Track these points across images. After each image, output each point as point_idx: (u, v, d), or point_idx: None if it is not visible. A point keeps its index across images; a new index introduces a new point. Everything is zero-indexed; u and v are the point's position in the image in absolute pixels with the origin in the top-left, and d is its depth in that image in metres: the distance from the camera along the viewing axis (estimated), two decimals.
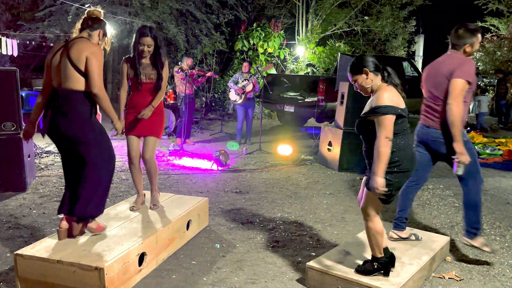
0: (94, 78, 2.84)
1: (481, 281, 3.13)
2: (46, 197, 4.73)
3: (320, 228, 4.10)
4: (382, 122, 2.55)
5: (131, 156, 3.69)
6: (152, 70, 3.58)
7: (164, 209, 3.73)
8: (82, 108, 2.90)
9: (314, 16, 14.08)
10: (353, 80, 2.77)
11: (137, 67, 3.57)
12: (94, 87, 2.85)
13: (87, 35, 3.00)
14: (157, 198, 3.79)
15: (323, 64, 13.44)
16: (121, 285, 2.76)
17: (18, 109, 4.83)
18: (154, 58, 3.58)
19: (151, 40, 3.51)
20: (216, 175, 6.00)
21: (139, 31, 3.55)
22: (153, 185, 3.79)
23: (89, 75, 2.84)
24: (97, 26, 3.03)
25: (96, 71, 2.84)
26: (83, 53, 2.83)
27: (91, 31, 3.01)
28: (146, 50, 3.52)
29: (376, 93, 2.69)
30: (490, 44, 14.90)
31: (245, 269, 3.20)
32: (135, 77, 3.59)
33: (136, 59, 3.59)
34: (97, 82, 2.85)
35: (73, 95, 2.87)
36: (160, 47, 3.56)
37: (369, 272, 2.80)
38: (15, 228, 3.84)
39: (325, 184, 5.74)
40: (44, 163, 6.28)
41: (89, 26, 3.01)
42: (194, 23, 11.76)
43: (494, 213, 4.71)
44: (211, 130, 10.17)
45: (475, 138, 8.61)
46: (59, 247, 2.87)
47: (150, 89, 3.61)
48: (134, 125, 3.62)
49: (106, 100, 2.92)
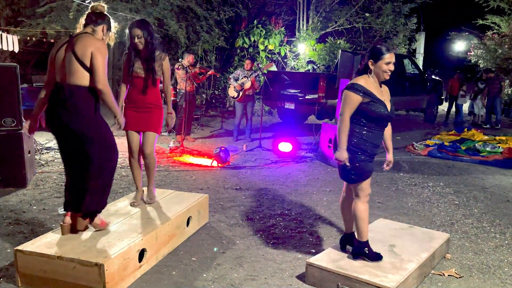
0: (99, 74, 2.84)
1: (481, 279, 3.13)
2: (46, 193, 4.74)
3: (320, 225, 4.11)
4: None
5: (131, 151, 3.71)
6: (144, 64, 3.58)
7: (164, 205, 3.73)
8: (87, 103, 2.90)
9: (315, 13, 14.04)
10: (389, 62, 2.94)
11: (131, 61, 3.59)
12: (99, 83, 2.85)
13: (91, 31, 2.99)
14: (153, 193, 3.80)
15: (323, 61, 13.41)
16: (121, 281, 2.76)
17: (18, 105, 4.83)
18: (147, 51, 3.57)
19: (139, 31, 3.50)
20: (216, 172, 6.01)
21: (130, 24, 3.58)
22: (150, 180, 3.80)
23: (94, 71, 2.84)
24: (100, 21, 3.03)
25: (101, 67, 2.85)
26: (88, 49, 2.83)
27: (95, 26, 3.01)
28: (137, 42, 3.53)
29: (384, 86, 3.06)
30: (490, 42, 14.86)
31: (245, 266, 3.20)
32: (129, 71, 3.61)
33: (132, 53, 3.60)
34: (102, 78, 2.85)
35: (78, 91, 2.86)
36: (150, 40, 3.54)
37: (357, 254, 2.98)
38: (15, 224, 3.84)
39: (325, 181, 5.74)
40: (44, 159, 6.28)
41: (93, 21, 3.01)
42: (195, 20, 11.73)
43: (494, 211, 4.71)
44: (211, 127, 10.16)
45: (475, 136, 8.61)
46: (59, 243, 2.87)
47: (146, 84, 3.61)
48: (134, 120, 3.63)
49: (110, 96, 2.93)
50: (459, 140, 8.43)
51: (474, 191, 5.46)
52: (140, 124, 3.64)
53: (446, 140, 8.53)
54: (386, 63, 2.89)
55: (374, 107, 2.88)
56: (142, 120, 3.62)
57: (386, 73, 2.93)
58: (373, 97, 2.89)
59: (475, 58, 15.52)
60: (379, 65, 2.90)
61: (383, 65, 2.90)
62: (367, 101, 2.88)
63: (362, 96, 2.87)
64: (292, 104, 9.25)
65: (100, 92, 2.88)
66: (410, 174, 6.20)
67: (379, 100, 2.90)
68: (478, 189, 5.59)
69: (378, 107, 2.88)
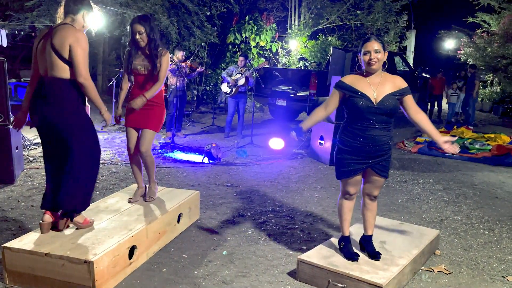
0: (79, 67, 2.74)
1: (470, 274, 3.16)
2: (34, 189, 4.68)
3: (311, 221, 4.11)
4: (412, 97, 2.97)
5: (129, 148, 3.67)
6: (146, 60, 3.52)
7: (155, 202, 3.70)
8: (68, 96, 2.81)
9: (307, 9, 14.03)
10: (377, 50, 2.83)
11: (132, 57, 3.54)
12: (80, 76, 2.75)
13: (71, 20, 2.88)
14: (153, 190, 3.77)
15: (315, 58, 13.41)
16: (111, 278, 2.74)
17: (6, 100, 4.75)
18: (149, 48, 3.51)
19: (141, 27, 3.43)
20: (207, 169, 5.98)
21: (132, 20, 3.51)
22: (150, 177, 3.77)
23: (74, 64, 2.74)
24: (79, 7, 2.89)
25: (81, 60, 2.74)
26: (66, 41, 2.73)
27: (74, 14, 2.89)
28: (138, 38, 3.46)
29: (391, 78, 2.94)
30: (480, 40, 14.98)
31: (236, 262, 3.20)
32: (129, 68, 3.56)
33: (133, 49, 3.54)
34: (83, 71, 2.75)
35: (59, 84, 2.78)
36: (152, 36, 3.48)
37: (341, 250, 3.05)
38: (2, 220, 3.78)
39: (316, 178, 5.75)
40: (32, 155, 6.20)
41: (71, 9, 2.88)
42: (186, 15, 11.64)
43: (483, 207, 4.76)
44: (202, 123, 10.12)
45: (464, 133, 8.68)
46: (48, 240, 2.83)
47: (147, 81, 3.55)
48: (133, 117, 3.58)
49: (92, 90, 2.83)
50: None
51: (463, 188, 5.51)
52: (139, 121, 3.59)
53: None
54: (363, 54, 2.85)
55: (353, 101, 2.86)
56: (141, 117, 3.56)
57: (368, 65, 2.85)
58: (352, 91, 2.86)
59: (465, 56, 15.64)
60: (361, 58, 2.89)
61: (362, 57, 2.87)
62: (348, 95, 2.88)
63: (339, 91, 2.92)
64: (284, 101, 9.25)
65: (82, 86, 2.79)
66: (400, 171, 6.24)
67: (361, 93, 2.84)
68: (467, 186, 5.64)
69: (357, 101, 2.84)
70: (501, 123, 12.72)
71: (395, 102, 2.87)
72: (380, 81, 2.90)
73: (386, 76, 2.93)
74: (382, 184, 3.03)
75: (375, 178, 2.98)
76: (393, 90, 2.88)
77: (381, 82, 2.90)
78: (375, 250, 2.99)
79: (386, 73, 2.95)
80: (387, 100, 2.84)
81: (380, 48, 2.82)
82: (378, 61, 2.83)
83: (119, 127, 8.52)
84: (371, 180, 3.00)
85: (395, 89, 2.89)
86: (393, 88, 2.89)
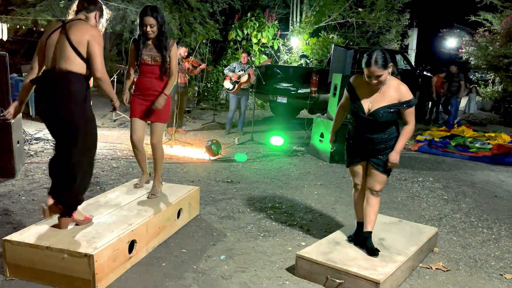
0: (97, 62, 2.80)
1: (468, 272, 3.18)
2: (35, 183, 4.70)
3: (310, 218, 4.13)
4: (413, 111, 2.93)
5: (132, 139, 3.67)
6: (156, 52, 3.52)
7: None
8: (76, 90, 2.83)
9: (309, 6, 14.01)
10: (378, 75, 2.79)
11: (140, 49, 3.53)
12: (98, 71, 2.82)
13: (84, 17, 2.94)
14: (157, 189, 3.74)
15: (316, 55, 13.40)
16: (111, 272, 2.75)
17: (8, 95, 4.75)
18: (158, 39, 3.51)
19: (153, 20, 3.43)
20: (207, 165, 6.00)
21: (141, 10, 3.50)
22: (156, 174, 3.77)
23: (92, 60, 2.80)
24: (93, 7, 2.97)
25: (98, 55, 2.81)
26: (84, 36, 2.78)
27: (88, 13, 2.95)
28: (149, 30, 3.46)
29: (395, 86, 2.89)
30: (482, 39, 14.94)
31: (235, 258, 3.21)
32: (137, 59, 3.56)
33: (141, 40, 3.54)
34: (100, 66, 2.82)
35: (68, 76, 2.80)
36: (163, 28, 3.48)
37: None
38: (4, 214, 3.80)
39: (316, 175, 5.76)
40: (33, 149, 6.21)
41: (85, 8, 2.95)
42: (188, 11, 11.64)
43: (482, 206, 4.77)
44: (203, 119, 10.13)
45: (465, 132, 8.69)
46: (48, 234, 2.85)
47: (154, 72, 3.56)
48: (141, 109, 3.59)
49: (108, 84, 2.92)
50: (449, 136, 8.50)
51: (463, 187, 5.52)
52: (148, 113, 3.60)
53: (436, 136, 8.60)
54: (367, 76, 2.85)
55: (352, 105, 3.05)
56: (150, 109, 3.58)
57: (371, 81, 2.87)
58: (352, 96, 3.02)
59: (467, 55, 15.60)
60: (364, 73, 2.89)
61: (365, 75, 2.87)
62: (351, 96, 3.05)
63: (347, 91, 3.08)
64: (285, 98, 9.25)
65: (99, 80, 2.86)
66: (400, 169, 6.25)
67: (358, 101, 2.97)
68: (467, 184, 5.65)
69: (354, 106, 3.01)
70: (502, 122, 12.72)
71: (388, 115, 2.89)
72: (383, 89, 2.90)
73: (392, 84, 2.90)
74: (382, 179, 3.07)
75: (373, 172, 3.06)
76: (391, 102, 2.88)
77: (383, 90, 2.90)
78: (374, 247, 3.01)
79: (394, 79, 2.92)
80: (378, 113, 2.89)
81: (382, 72, 2.80)
82: (381, 82, 2.86)
83: (120, 122, 8.54)
84: (370, 173, 3.09)
85: (394, 101, 2.88)
86: (392, 100, 2.88)
